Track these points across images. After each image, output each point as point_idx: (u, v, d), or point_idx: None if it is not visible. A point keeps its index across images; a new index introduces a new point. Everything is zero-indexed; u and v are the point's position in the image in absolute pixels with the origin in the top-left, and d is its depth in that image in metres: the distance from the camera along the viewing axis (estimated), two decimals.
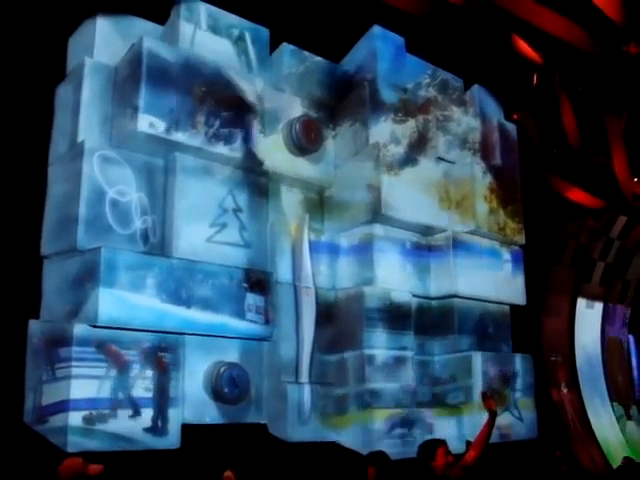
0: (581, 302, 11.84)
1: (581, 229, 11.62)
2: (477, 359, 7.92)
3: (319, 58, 7.98)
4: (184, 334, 6.25)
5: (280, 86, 7.54)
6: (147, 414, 5.90)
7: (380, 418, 6.99)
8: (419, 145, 8.06)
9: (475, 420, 7.44)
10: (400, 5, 8.07)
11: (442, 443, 5.08)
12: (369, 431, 6.92)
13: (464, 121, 8.74)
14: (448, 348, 8.01)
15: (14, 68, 6.20)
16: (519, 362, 8.52)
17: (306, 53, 7.86)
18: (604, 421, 11.38)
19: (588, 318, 11.99)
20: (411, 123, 8.05)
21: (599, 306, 12.38)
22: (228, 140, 6.71)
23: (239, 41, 7.34)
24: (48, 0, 6.34)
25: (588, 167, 11.03)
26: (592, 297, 12.20)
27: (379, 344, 7.24)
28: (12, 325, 5.91)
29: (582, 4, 8.72)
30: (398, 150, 7.72)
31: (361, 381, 7.07)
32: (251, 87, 7.00)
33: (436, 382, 7.97)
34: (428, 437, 6.40)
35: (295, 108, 7.51)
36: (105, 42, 6.62)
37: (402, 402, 7.25)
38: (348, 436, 7.02)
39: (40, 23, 6.32)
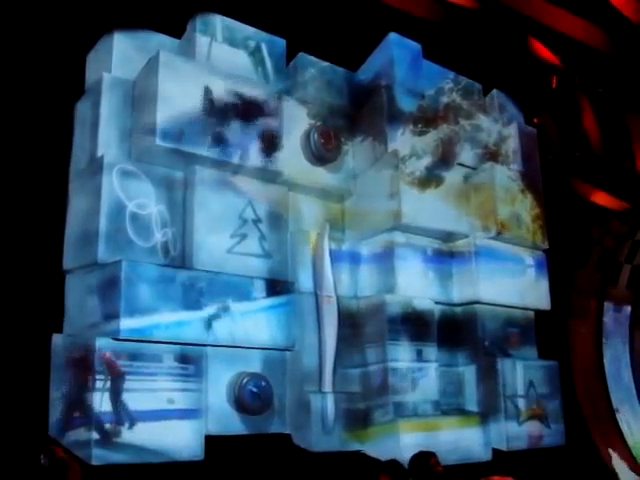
0: (608, 305, 11.68)
1: (606, 232, 11.45)
2: (501, 366, 7.81)
3: (336, 67, 7.96)
4: (206, 345, 6.25)
5: (297, 96, 7.53)
6: (168, 425, 5.90)
7: (405, 429, 6.90)
8: (442, 158, 7.97)
9: (501, 428, 7.42)
10: (416, 12, 8.06)
11: (432, 455, 5.03)
12: (394, 442, 6.83)
13: (488, 128, 8.66)
14: (472, 355, 7.93)
15: (34, 86, 6.28)
16: (545, 368, 8.38)
17: (322, 62, 7.84)
18: (634, 428, 11.16)
19: (615, 321, 11.82)
20: (433, 134, 7.99)
21: (627, 309, 12.19)
22: (246, 151, 6.73)
23: (256, 52, 7.36)
24: (66, 18, 6.43)
25: (612, 169, 10.89)
26: (619, 300, 12.02)
27: (402, 355, 7.18)
28: (36, 339, 5.98)
29: (599, 4, 8.65)
30: (419, 166, 7.65)
31: (385, 393, 7.02)
32: (268, 98, 7.03)
33: (460, 391, 7.89)
34: (452, 447, 6.33)
35: (313, 117, 7.50)
36: (122, 57, 6.68)
37: (427, 413, 7.18)
38: (373, 447, 6.96)
39: (58, 41, 6.40)
